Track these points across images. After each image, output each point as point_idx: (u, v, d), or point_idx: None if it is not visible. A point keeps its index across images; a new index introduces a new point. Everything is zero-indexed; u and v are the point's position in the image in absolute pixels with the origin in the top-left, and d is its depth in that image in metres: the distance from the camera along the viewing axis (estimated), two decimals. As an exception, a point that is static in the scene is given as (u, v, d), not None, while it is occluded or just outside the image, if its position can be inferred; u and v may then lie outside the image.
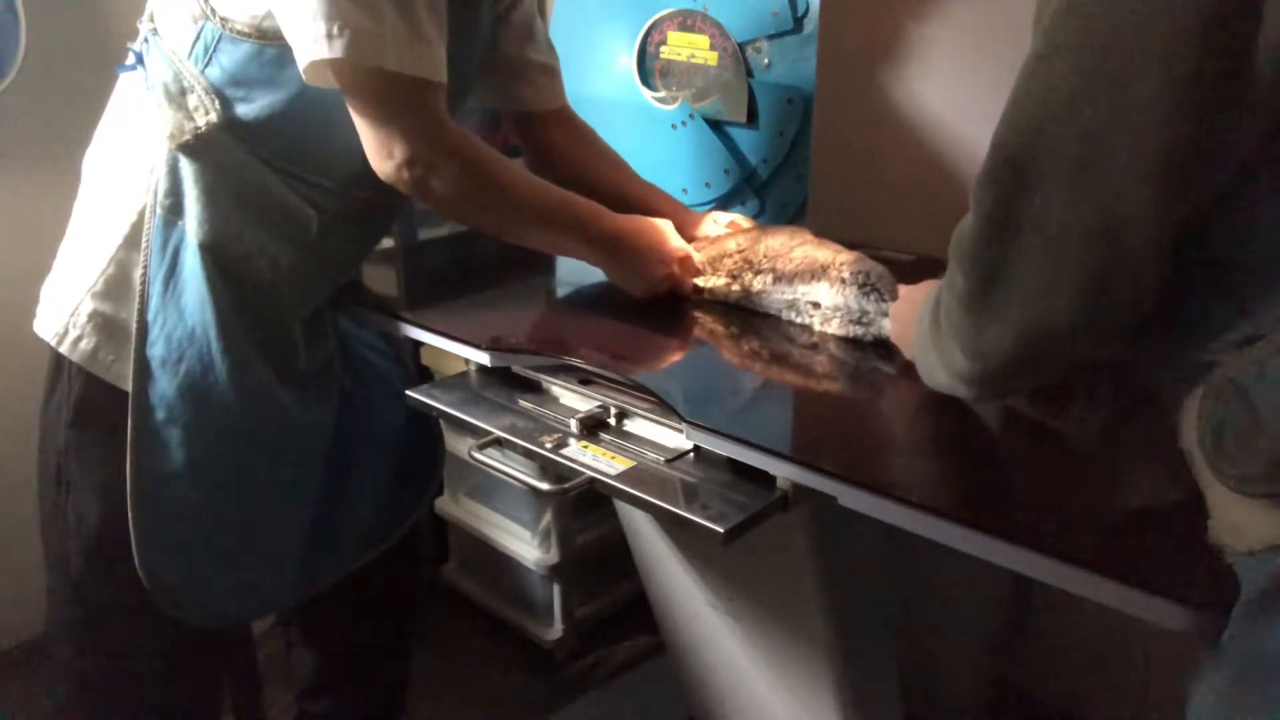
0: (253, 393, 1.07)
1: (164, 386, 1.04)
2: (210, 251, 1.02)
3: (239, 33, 0.98)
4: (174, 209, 1.02)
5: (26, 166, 1.68)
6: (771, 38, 1.54)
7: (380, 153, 0.98)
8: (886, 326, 1.00)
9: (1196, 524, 0.62)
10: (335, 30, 0.90)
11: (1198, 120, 0.54)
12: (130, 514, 1.04)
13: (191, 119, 0.99)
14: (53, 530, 1.13)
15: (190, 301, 1.03)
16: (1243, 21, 0.53)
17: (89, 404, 1.07)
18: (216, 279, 1.02)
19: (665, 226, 1.16)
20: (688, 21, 1.62)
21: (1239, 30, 0.53)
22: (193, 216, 1.01)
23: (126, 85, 1.08)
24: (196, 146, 0.99)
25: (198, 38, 0.99)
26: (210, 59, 0.99)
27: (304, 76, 0.94)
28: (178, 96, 0.99)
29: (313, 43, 0.91)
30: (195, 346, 1.03)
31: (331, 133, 1.01)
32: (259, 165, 1.02)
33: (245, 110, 1.00)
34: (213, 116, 0.99)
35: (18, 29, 1.63)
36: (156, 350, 1.03)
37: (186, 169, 1.01)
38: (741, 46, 1.56)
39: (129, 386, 1.04)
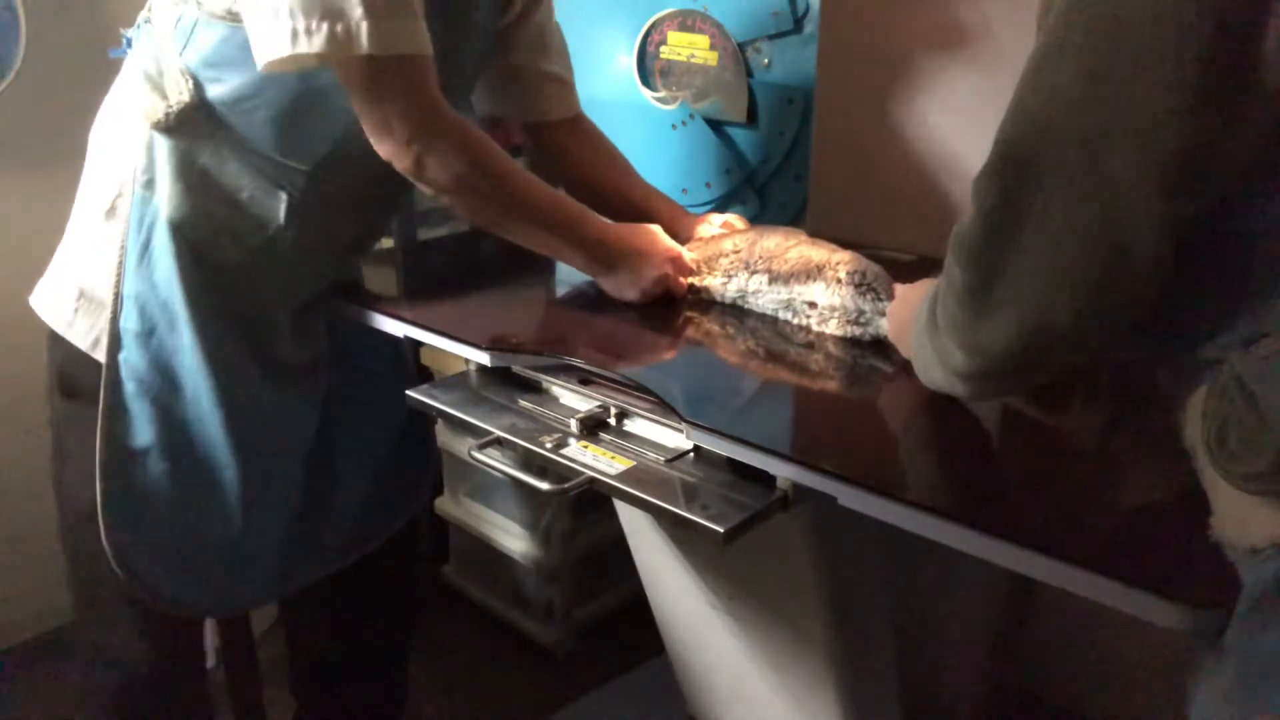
0: (223, 374, 1.08)
1: (135, 359, 1.06)
2: (178, 228, 1.04)
3: (213, 15, 0.99)
4: (149, 185, 1.04)
5: (27, 166, 1.68)
6: (771, 38, 1.54)
7: (380, 132, 0.99)
8: (884, 326, 1.00)
9: (1197, 523, 0.62)
10: (314, 25, 0.91)
11: (1204, 121, 0.54)
12: (98, 488, 1.06)
13: (166, 99, 1.01)
14: (58, 503, 1.16)
15: (161, 277, 1.05)
16: (1250, 22, 0.53)
17: (74, 376, 1.10)
18: (185, 255, 1.04)
19: (654, 229, 1.16)
20: (688, 21, 1.62)
21: (1246, 31, 0.53)
22: (163, 193, 1.04)
23: (126, 67, 1.10)
24: (170, 125, 1.02)
25: (178, 21, 1.02)
26: (187, 42, 1.01)
27: (260, 68, 0.95)
28: (155, 77, 1.02)
29: (289, 40, 0.91)
30: (167, 320, 1.06)
31: (301, 115, 1.02)
32: (229, 145, 1.04)
33: (217, 91, 1.02)
34: (185, 97, 1.01)
35: (18, 29, 1.63)
36: (130, 323, 1.05)
37: (160, 146, 1.03)
38: (741, 46, 1.56)
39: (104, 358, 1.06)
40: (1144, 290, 0.60)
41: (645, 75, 1.71)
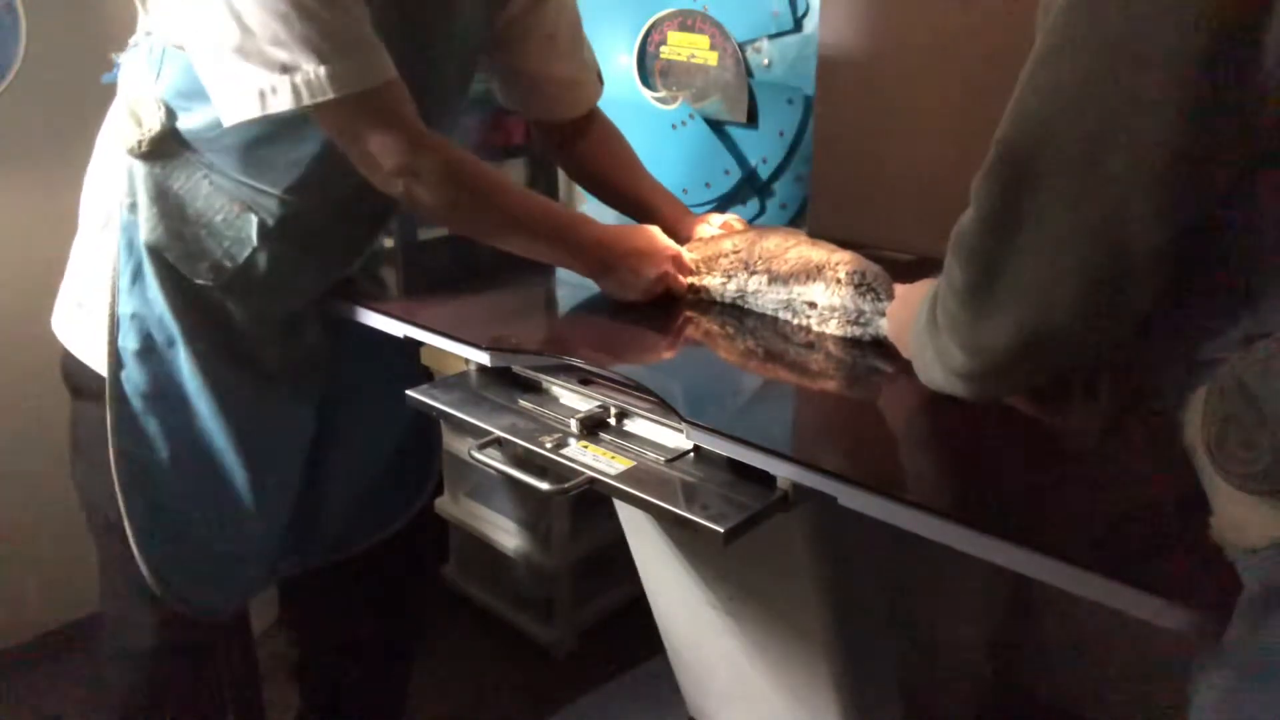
0: (218, 384, 1.10)
1: (137, 376, 1.08)
2: (154, 251, 1.06)
3: (176, 46, 1.00)
4: (133, 209, 1.06)
5: (26, 166, 1.68)
6: (771, 38, 1.54)
7: (366, 166, 1.00)
8: (884, 326, 1.00)
9: (1197, 523, 0.62)
10: (276, 83, 0.91)
11: (1204, 120, 0.54)
12: (121, 504, 1.08)
13: (141, 126, 1.03)
14: (78, 495, 1.18)
15: (153, 297, 1.06)
16: (1251, 21, 0.53)
17: (78, 377, 1.12)
18: (165, 277, 1.06)
19: (652, 229, 1.16)
20: (688, 21, 1.62)
21: (1247, 30, 0.53)
22: (141, 217, 1.05)
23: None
24: (146, 152, 1.03)
25: (151, 50, 1.03)
26: (159, 71, 1.02)
27: (227, 125, 0.95)
28: (133, 104, 1.03)
29: (257, 103, 0.92)
30: (164, 337, 1.07)
31: (268, 143, 1.02)
32: (201, 170, 1.05)
33: (188, 119, 1.03)
34: (155, 125, 1.02)
35: (18, 29, 1.63)
36: (129, 342, 1.07)
37: (138, 171, 1.04)
38: (741, 46, 1.56)
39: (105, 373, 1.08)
40: (1142, 290, 0.60)
41: (645, 75, 1.71)
